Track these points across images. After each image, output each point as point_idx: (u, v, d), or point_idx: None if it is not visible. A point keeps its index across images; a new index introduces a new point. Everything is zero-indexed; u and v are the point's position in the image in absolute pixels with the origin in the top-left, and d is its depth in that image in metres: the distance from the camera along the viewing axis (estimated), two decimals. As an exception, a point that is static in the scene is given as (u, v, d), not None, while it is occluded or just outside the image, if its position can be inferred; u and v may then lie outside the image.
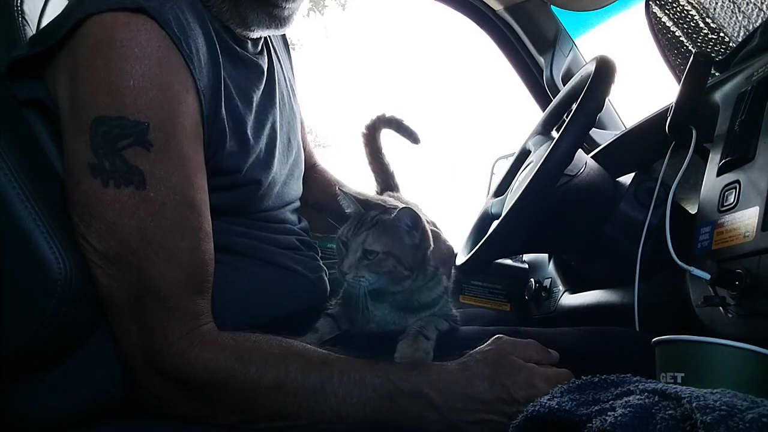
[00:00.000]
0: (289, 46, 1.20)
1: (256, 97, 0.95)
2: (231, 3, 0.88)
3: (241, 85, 0.91)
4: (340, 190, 0.91)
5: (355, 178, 1.34)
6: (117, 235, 0.73)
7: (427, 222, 0.90)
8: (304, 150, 1.27)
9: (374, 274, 0.82)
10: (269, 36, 1.05)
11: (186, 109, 0.78)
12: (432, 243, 0.89)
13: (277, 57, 1.08)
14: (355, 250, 0.82)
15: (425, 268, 0.88)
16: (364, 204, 0.89)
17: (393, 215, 0.84)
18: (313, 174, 1.28)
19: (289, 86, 1.11)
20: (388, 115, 1.23)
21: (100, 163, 0.73)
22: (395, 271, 0.83)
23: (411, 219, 0.84)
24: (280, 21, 0.92)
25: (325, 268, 1.09)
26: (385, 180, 1.22)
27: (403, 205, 0.85)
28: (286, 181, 1.03)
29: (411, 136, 1.23)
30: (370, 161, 1.23)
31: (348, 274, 0.82)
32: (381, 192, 1.22)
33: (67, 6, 0.83)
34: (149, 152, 0.74)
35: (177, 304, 0.75)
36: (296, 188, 1.09)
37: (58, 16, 0.80)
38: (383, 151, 1.22)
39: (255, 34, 0.94)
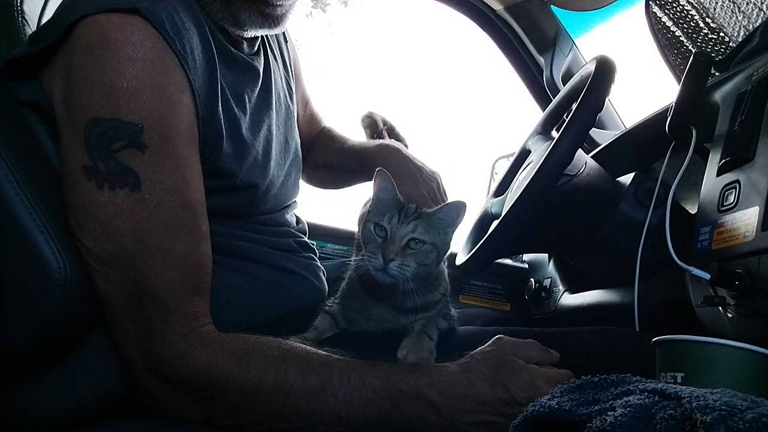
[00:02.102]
0: (288, 42, 1.18)
1: (252, 99, 0.94)
2: (223, 2, 0.88)
3: (236, 86, 0.90)
4: (382, 172, 0.88)
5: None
6: (112, 237, 0.73)
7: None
8: (313, 120, 1.30)
9: (416, 264, 0.81)
10: (266, 36, 1.05)
11: (181, 110, 0.78)
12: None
13: (275, 56, 1.08)
14: (401, 238, 0.81)
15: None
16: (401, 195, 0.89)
17: (443, 206, 0.85)
18: (320, 138, 1.29)
19: (285, 86, 1.11)
20: (382, 116, 1.22)
21: (95, 165, 0.73)
22: (429, 266, 0.83)
23: (458, 211, 0.84)
24: (273, 20, 0.91)
25: (323, 268, 1.09)
26: None
27: (456, 199, 0.85)
28: (283, 183, 1.03)
29: (400, 141, 1.21)
30: None
31: (394, 261, 0.80)
32: None
33: (60, 6, 0.82)
34: (144, 154, 0.74)
35: (174, 305, 0.75)
36: (294, 190, 1.09)
37: (53, 16, 0.80)
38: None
39: (249, 34, 0.94)
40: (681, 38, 1.19)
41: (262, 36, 1.01)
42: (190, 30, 0.81)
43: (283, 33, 1.16)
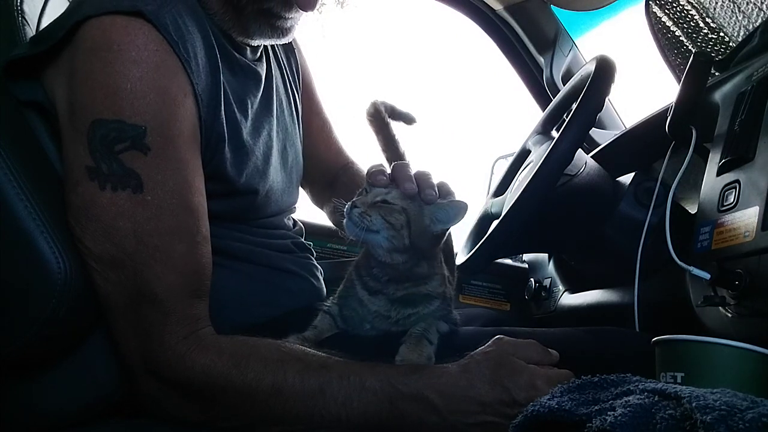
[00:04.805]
0: (298, 53, 1.18)
1: (253, 104, 0.95)
2: (233, 13, 0.89)
3: (238, 91, 0.91)
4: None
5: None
6: (113, 238, 0.73)
7: None
8: (332, 147, 1.27)
9: (381, 219, 0.81)
10: None
11: (183, 113, 0.78)
12: (442, 242, 0.89)
13: (278, 63, 1.08)
14: (376, 195, 0.82)
15: (424, 258, 0.87)
16: None
17: (449, 201, 0.84)
18: (344, 177, 1.24)
19: (290, 92, 1.11)
20: (380, 100, 1.18)
21: (97, 166, 0.73)
22: (398, 232, 0.81)
23: (456, 213, 0.83)
24: (282, 32, 0.92)
25: (320, 267, 1.09)
26: None
27: (460, 200, 0.85)
28: (283, 189, 1.03)
29: (405, 118, 1.19)
30: (384, 149, 1.16)
31: (358, 208, 0.81)
32: None
33: (67, 8, 0.83)
34: (146, 156, 0.74)
35: (174, 307, 0.75)
36: (293, 196, 1.09)
37: (57, 18, 0.80)
38: (397, 137, 1.17)
39: (255, 43, 0.95)
40: (681, 38, 1.19)
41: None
42: (194, 34, 0.81)
43: (291, 44, 1.16)
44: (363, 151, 1.30)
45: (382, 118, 1.17)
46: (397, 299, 0.87)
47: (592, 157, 1.25)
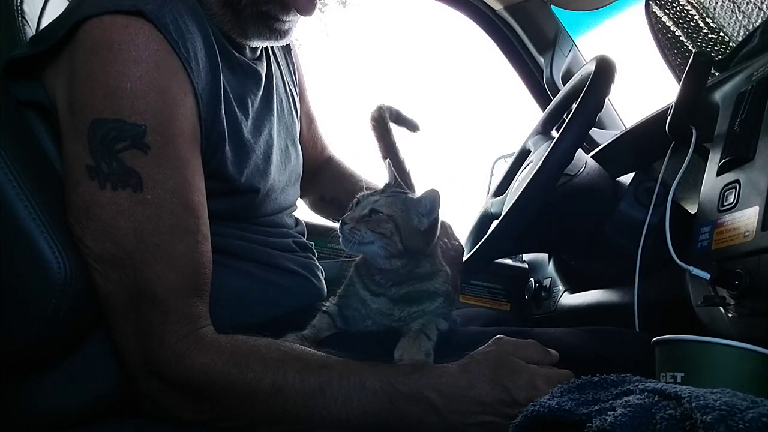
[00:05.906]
0: (293, 53, 1.19)
1: (254, 103, 0.95)
2: (232, 15, 0.89)
3: (238, 90, 0.91)
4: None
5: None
6: (113, 237, 0.73)
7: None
8: (317, 143, 1.30)
9: (370, 231, 0.83)
10: None
11: (184, 112, 0.78)
12: (437, 238, 0.90)
13: (277, 62, 1.08)
14: (363, 207, 0.85)
15: (421, 257, 0.88)
16: (395, 181, 0.94)
17: (418, 195, 0.87)
18: (328, 170, 1.29)
19: (289, 91, 1.11)
20: (386, 105, 1.19)
21: (97, 165, 0.73)
22: (390, 239, 0.83)
23: (431, 202, 0.86)
24: (279, 34, 0.93)
25: (321, 267, 1.09)
26: (401, 178, 1.13)
27: (430, 189, 0.88)
28: (284, 188, 1.03)
29: (409, 125, 1.21)
30: (384, 156, 1.17)
31: (347, 225, 0.83)
32: None
33: (66, 8, 0.83)
34: (146, 155, 0.74)
35: (174, 306, 0.75)
36: (294, 194, 1.10)
37: (57, 17, 0.81)
38: (398, 145, 1.18)
39: (253, 44, 0.96)
40: (681, 38, 1.19)
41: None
42: (194, 34, 0.82)
43: (287, 45, 1.17)
44: (361, 151, 1.31)
45: (385, 124, 1.18)
46: (400, 297, 0.88)
47: (592, 157, 1.25)
